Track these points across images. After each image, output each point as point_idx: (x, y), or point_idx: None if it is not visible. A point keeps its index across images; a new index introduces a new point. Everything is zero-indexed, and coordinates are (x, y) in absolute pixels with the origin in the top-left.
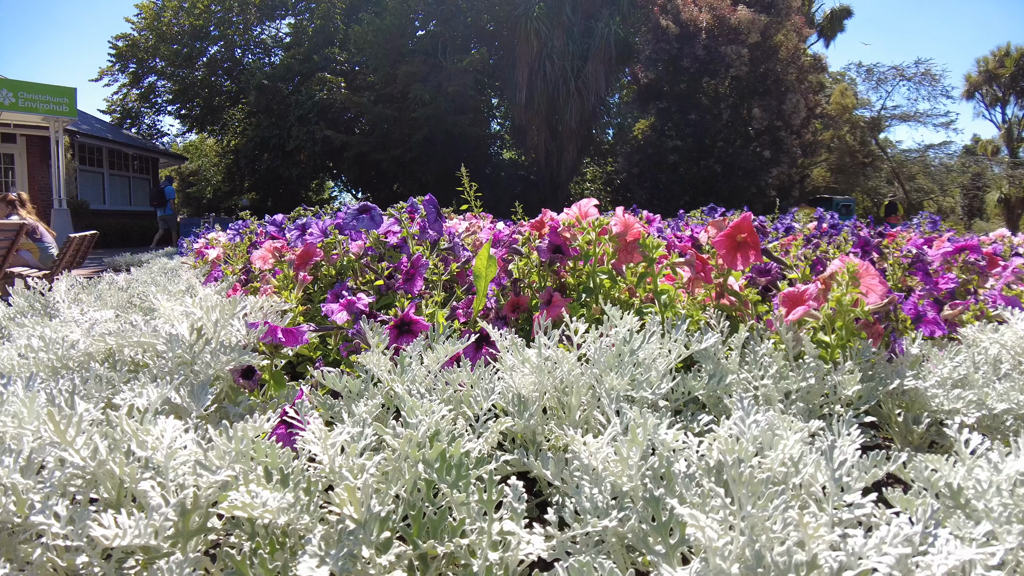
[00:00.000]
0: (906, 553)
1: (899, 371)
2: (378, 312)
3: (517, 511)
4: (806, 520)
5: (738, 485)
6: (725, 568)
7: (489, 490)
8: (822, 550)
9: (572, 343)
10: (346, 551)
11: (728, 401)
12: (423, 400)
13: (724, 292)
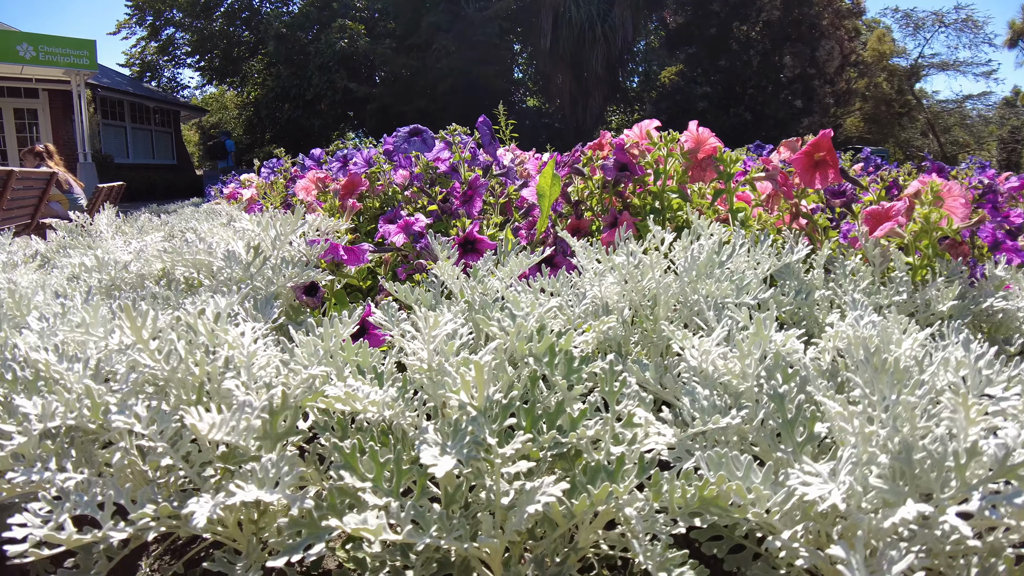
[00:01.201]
0: None
1: (987, 292)
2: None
3: (645, 400)
4: (970, 405)
5: (880, 374)
6: (876, 455)
7: (610, 380)
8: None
9: (661, 254)
10: (470, 439)
11: (819, 313)
12: (524, 295)
13: (799, 214)
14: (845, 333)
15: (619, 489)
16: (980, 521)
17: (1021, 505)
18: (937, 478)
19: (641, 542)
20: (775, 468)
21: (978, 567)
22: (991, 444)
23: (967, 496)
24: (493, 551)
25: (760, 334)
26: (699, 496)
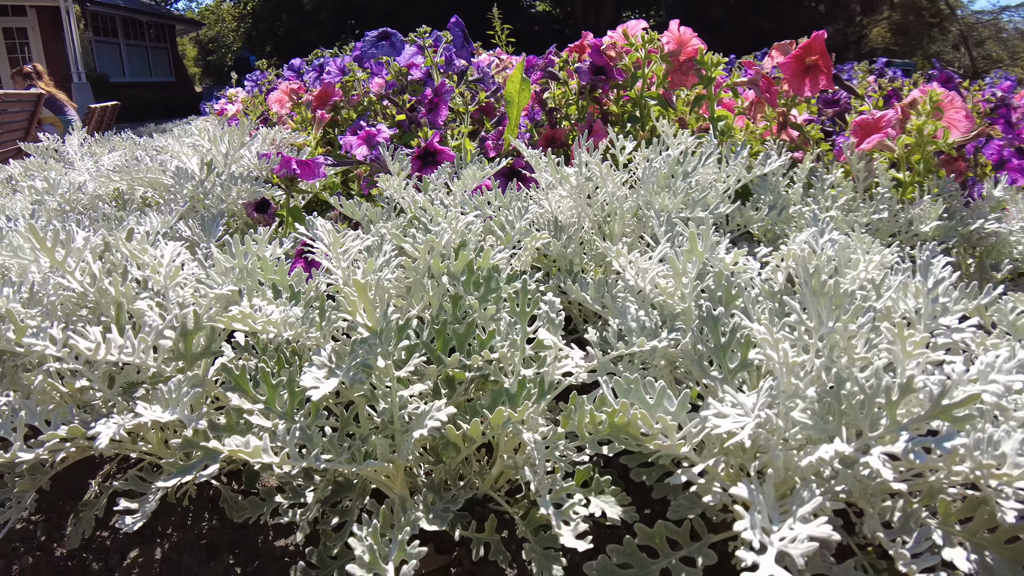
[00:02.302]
0: (1018, 379)
1: (981, 213)
2: (401, 147)
3: (554, 322)
4: (907, 336)
5: (818, 297)
6: (800, 388)
7: (522, 300)
8: (917, 374)
9: (617, 164)
10: (358, 361)
11: (795, 231)
12: (448, 210)
13: (786, 124)
14: (792, 251)
15: (514, 413)
16: (922, 463)
17: (951, 450)
18: (867, 415)
19: (536, 469)
20: (709, 395)
21: (901, 511)
22: (928, 380)
23: (896, 437)
24: (392, 474)
25: (695, 251)
26: (609, 423)
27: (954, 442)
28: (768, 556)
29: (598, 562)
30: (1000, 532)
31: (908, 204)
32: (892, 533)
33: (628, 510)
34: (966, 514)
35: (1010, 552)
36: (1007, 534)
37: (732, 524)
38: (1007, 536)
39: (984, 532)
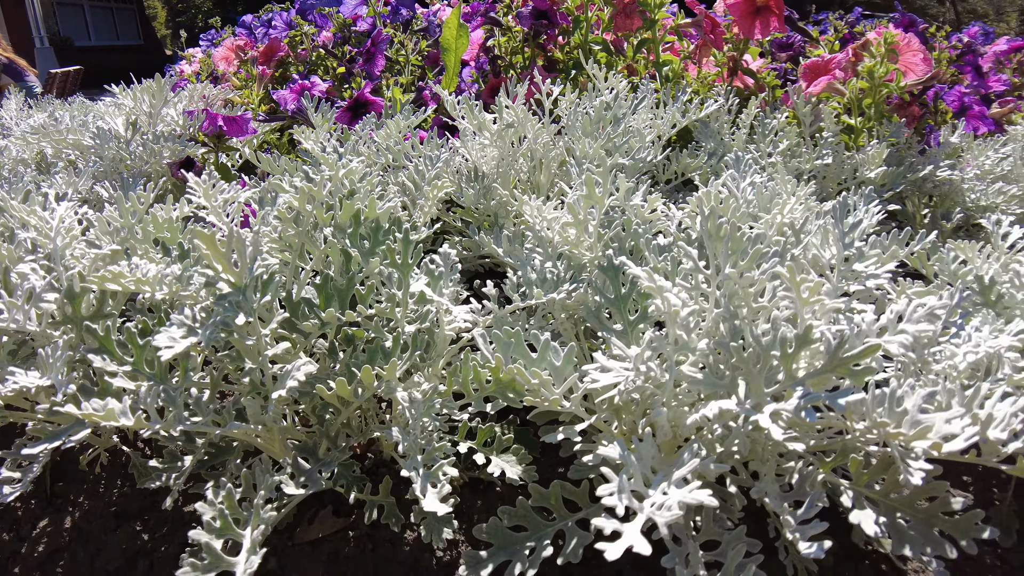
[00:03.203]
0: (928, 330)
1: (933, 160)
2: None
3: (434, 274)
4: (800, 280)
5: (714, 241)
6: (687, 340)
7: (404, 251)
8: (820, 324)
9: (544, 110)
10: (218, 319)
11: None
12: (342, 158)
13: (738, 69)
14: (704, 193)
15: (383, 371)
16: (812, 420)
17: (844, 407)
18: (762, 370)
19: (410, 429)
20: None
21: (800, 472)
22: (827, 331)
23: (793, 392)
24: (266, 437)
25: (592, 196)
26: (494, 379)
27: (849, 398)
28: (634, 524)
29: (489, 525)
30: (914, 492)
31: (859, 151)
32: (788, 496)
33: (528, 470)
34: (880, 474)
35: (923, 514)
36: (921, 494)
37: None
38: (921, 496)
39: (897, 493)
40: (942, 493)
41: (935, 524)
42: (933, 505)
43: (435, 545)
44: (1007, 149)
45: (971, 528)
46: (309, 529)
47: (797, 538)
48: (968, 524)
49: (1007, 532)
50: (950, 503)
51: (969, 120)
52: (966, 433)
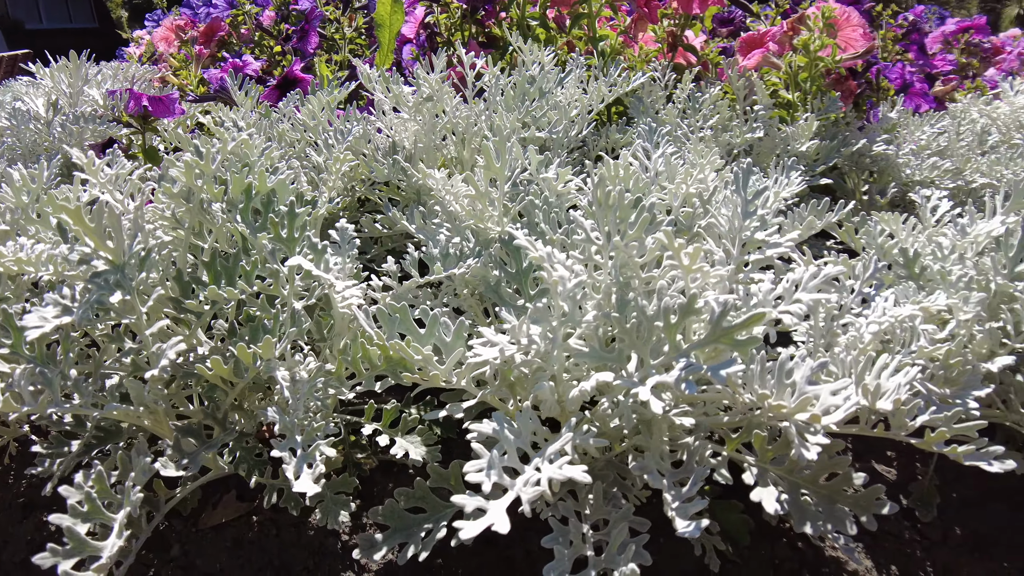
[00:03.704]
0: (821, 298)
1: (870, 135)
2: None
3: (317, 247)
4: (679, 246)
5: (604, 210)
6: (569, 311)
7: (289, 225)
8: (712, 295)
9: (467, 84)
10: (93, 297)
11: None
12: (240, 133)
13: (677, 44)
14: (608, 163)
15: (259, 349)
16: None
17: (724, 379)
18: (646, 341)
19: (289, 409)
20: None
21: (688, 448)
22: (711, 300)
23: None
24: (153, 419)
25: (491, 168)
26: (384, 356)
27: (728, 370)
28: (500, 502)
29: (384, 507)
30: (818, 468)
31: (794, 125)
32: (678, 473)
33: (433, 451)
34: (785, 450)
35: (826, 490)
36: (825, 470)
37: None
38: (826, 472)
39: (804, 470)
40: (845, 469)
41: (837, 500)
42: (836, 481)
43: (330, 527)
44: (943, 124)
45: (872, 504)
46: (213, 514)
47: (674, 516)
48: (869, 500)
49: (927, 506)
50: (852, 479)
51: (911, 97)
52: (846, 405)
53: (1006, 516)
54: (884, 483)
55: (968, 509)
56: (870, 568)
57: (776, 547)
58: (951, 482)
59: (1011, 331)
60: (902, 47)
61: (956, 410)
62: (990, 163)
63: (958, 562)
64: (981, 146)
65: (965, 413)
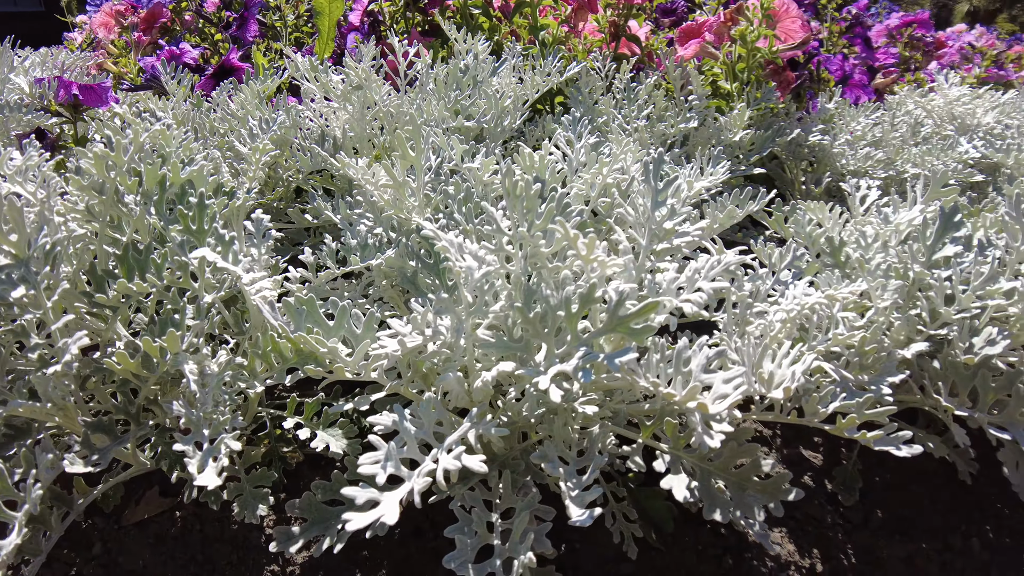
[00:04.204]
0: (719, 287)
1: (806, 126)
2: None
3: (224, 239)
4: (574, 236)
5: (512, 200)
6: (472, 301)
7: (198, 216)
8: (616, 284)
9: (399, 74)
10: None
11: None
12: (157, 123)
13: (620, 34)
14: (523, 154)
15: (164, 343)
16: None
17: (618, 367)
18: (551, 330)
19: (197, 401)
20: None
21: (595, 437)
22: (609, 290)
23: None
24: (64, 415)
25: (406, 157)
26: (295, 348)
27: (623, 359)
28: (394, 493)
29: (301, 500)
30: (729, 456)
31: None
32: (581, 462)
33: (354, 443)
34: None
35: (736, 477)
36: (736, 457)
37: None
38: (737, 459)
39: (715, 457)
40: (753, 456)
41: (747, 488)
42: (745, 468)
43: (247, 520)
44: (877, 115)
45: (779, 491)
46: (135, 511)
47: (570, 505)
48: (777, 487)
49: (850, 490)
50: (760, 466)
51: (850, 89)
52: (734, 394)
53: (927, 498)
54: (810, 468)
55: (891, 492)
56: (792, 552)
57: (700, 533)
58: (875, 466)
59: (927, 318)
60: (847, 40)
61: (867, 396)
62: (921, 153)
63: (878, 544)
64: (914, 137)
65: (879, 399)
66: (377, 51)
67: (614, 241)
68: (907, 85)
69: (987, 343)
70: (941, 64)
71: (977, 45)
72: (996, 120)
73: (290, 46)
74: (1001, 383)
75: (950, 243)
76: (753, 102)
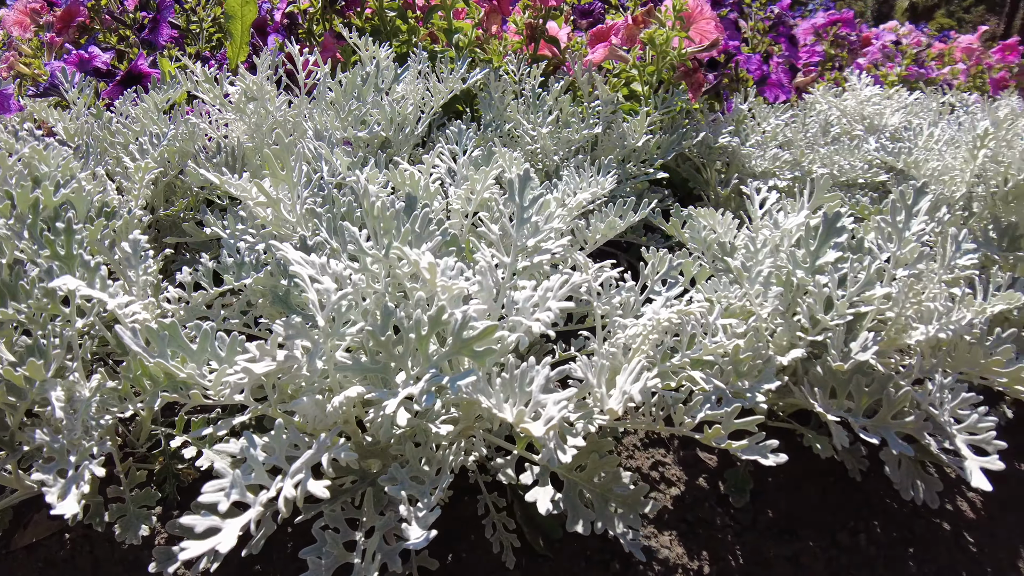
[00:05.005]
0: (569, 307)
1: (716, 128)
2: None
3: (91, 265)
4: (415, 260)
5: (370, 219)
6: (322, 324)
7: (67, 242)
8: (474, 304)
9: (296, 83)
10: None
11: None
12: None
13: (537, 36)
14: (400, 169)
15: (28, 371)
16: (429, 404)
17: (458, 390)
18: (406, 353)
19: (66, 427)
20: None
21: (442, 458)
22: (457, 312)
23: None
24: None
25: (276, 175)
26: (165, 372)
27: (464, 381)
28: (235, 521)
29: (183, 520)
30: (592, 468)
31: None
32: (437, 480)
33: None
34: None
35: (599, 489)
36: (597, 469)
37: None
38: (598, 472)
39: (581, 468)
40: (614, 468)
41: (609, 499)
42: (607, 480)
43: (129, 542)
44: (786, 116)
45: (638, 503)
46: (24, 534)
47: (406, 529)
48: (636, 499)
49: (740, 492)
50: (621, 477)
51: (769, 88)
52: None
53: (818, 497)
54: (705, 470)
55: (782, 492)
56: (681, 555)
57: (589, 539)
58: (768, 467)
59: (806, 324)
60: (772, 38)
61: (735, 406)
62: (829, 153)
63: (766, 545)
64: (825, 137)
65: (754, 406)
66: (280, 59)
67: (473, 260)
68: (826, 84)
69: (862, 348)
70: (857, 66)
71: (903, 44)
72: (903, 120)
73: (207, 50)
74: (874, 388)
75: (832, 248)
76: (661, 105)
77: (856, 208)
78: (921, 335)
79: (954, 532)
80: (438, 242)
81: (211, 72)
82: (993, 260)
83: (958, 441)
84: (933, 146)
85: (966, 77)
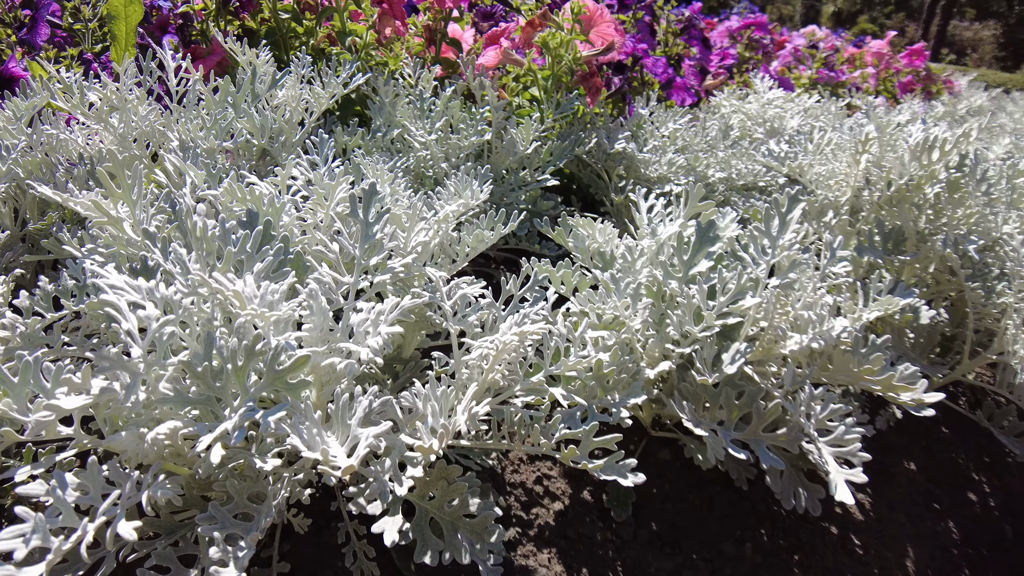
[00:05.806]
0: (394, 332)
1: (613, 133)
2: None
3: None
4: (217, 286)
5: (194, 242)
6: (139, 355)
7: None
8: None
9: (171, 92)
10: None
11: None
12: None
13: (436, 40)
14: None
15: None
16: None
17: (270, 424)
18: (225, 385)
19: None
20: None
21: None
22: (274, 342)
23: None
24: None
25: (113, 194)
26: None
27: (275, 416)
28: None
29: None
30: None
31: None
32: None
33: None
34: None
35: (449, 516)
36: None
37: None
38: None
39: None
40: (462, 495)
41: (459, 527)
42: (456, 507)
43: None
44: (683, 120)
45: (485, 530)
46: None
47: (217, 570)
48: (483, 526)
49: (622, 506)
50: (468, 504)
51: (676, 91)
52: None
53: (704, 507)
54: (590, 483)
55: (668, 503)
56: (560, 573)
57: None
58: (654, 477)
59: (676, 336)
60: (684, 41)
61: (593, 424)
62: (727, 157)
63: (648, 560)
64: (725, 140)
65: (620, 421)
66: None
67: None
68: (733, 87)
69: (731, 361)
70: (764, 69)
71: (819, 48)
72: (801, 124)
73: (91, 51)
74: (744, 401)
75: (706, 258)
76: (556, 111)
77: (750, 212)
78: (795, 344)
79: (841, 536)
80: (269, 263)
81: (80, 77)
82: (879, 264)
83: (825, 454)
84: (825, 150)
85: (876, 81)
